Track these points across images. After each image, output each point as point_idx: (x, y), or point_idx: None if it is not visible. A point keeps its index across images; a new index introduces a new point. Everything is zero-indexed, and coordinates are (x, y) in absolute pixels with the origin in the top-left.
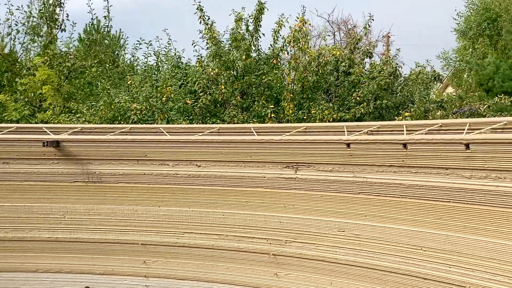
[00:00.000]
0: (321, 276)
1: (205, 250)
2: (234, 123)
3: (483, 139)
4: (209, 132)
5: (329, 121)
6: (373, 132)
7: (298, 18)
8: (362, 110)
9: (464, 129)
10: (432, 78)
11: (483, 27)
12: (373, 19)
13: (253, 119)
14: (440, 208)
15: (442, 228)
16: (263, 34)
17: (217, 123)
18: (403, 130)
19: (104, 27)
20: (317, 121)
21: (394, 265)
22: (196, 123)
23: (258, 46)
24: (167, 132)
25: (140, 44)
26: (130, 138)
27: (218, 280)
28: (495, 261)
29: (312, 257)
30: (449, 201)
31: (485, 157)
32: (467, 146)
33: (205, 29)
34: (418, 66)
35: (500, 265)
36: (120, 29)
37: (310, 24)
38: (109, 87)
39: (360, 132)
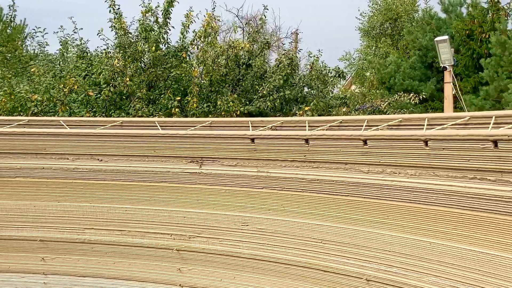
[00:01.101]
0: (225, 271)
1: (107, 246)
2: (139, 116)
3: (379, 135)
4: (112, 126)
5: (236, 114)
6: (276, 128)
7: (206, 14)
8: (268, 104)
9: (362, 126)
10: (336, 74)
11: (385, 27)
12: (267, 9)
13: (160, 113)
14: (339, 202)
15: (341, 222)
16: (173, 27)
17: (122, 116)
18: (305, 126)
19: (8, 16)
20: (223, 113)
21: (295, 258)
22: (100, 116)
23: (167, 39)
24: (67, 125)
25: (36, 32)
26: (28, 131)
27: (120, 277)
28: (391, 253)
29: (216, 251)
30: (348, 195)
31: (381, 153)
32: (365, 142)
33: (114, 19)
34: (311, 57)
35: (395, 257)
36: (25, 19)
37: (219, 20)
38: (10, 75)
39: (264, 128)
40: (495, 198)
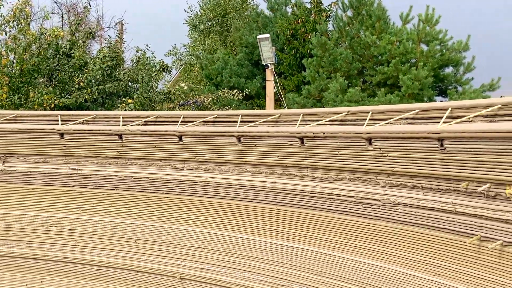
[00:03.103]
0: (30, 275)
1: None
2: None
3: (194, 131)
4: None
5: (50, 107)
6: (88, 122)
7: None
8: (86, 96)
9: (178, 121)
10: (160, 68)
11: (214, 22)
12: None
13: None
14: (154, 199)
15: (155, 220)
16: None
17: None
18: (119, 121)
19: None
20: (36, 106)
21: (108, 259)
22: None
23: None
24: None
25: None
26: None
27: None
28: (204, 251)
29: (21, 255)
30: (163, 193)
31: (196, 149)
32: (180, 138)
33: None
34: (138, 51)
35: (209, 254)
36: None
37: (31, 5)
38: None
39: (76, 122)
40: (302, 193)
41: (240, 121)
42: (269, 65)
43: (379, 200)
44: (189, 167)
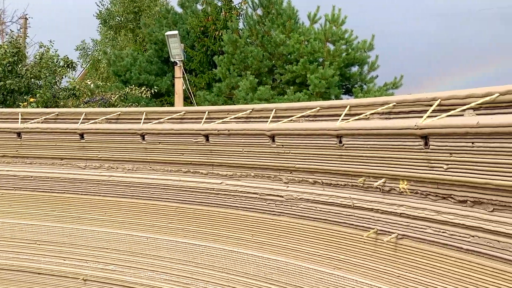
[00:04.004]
0: None
1: None
2: None
3: (97, 129)
4: None
5: None
6: None
7: None
8: None
9: (80, 119)
10: (65, 64)
11: (126, 18)
12: None
13: None
14: (55, 199)
15: (57, 220)
16: None
17: None
18: (18, 118)
19: None
20: None
21: (6, 261)
22: None
23: None
24: None
25: None
26: None
27: None
28: (108, 251)
29: None
30: (65, 192)
31: (99, 147)
32: (81, 135)
33: None
34: (42, 47)
35: (113, 254)
36: None
37: None
38: None
39: None
40: (207, 191)
41: (145, 119)
42: (177, 62)
43: (282, 196)
44: (91, 165)
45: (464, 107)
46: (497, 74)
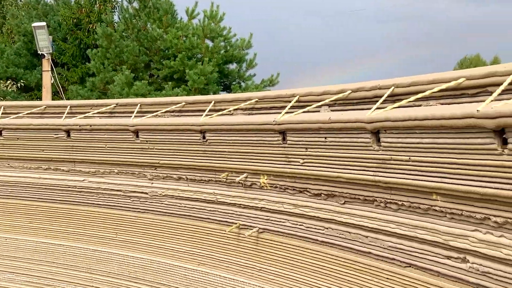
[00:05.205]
0: None
1: None
2: None
3: None
4: None
5: None
6: None
7: None
8: None
9: None
10: None
11: None
12: None
13: None
14: None
15: None
16: None
17: None
18: None
19: None
20: None
21: None
22: None
23: None
24: None
25: None
26: None
27: None
28: None
29: None
30: None
31: None
32: None
33: None
34: None
35: None
36: None
37: None
38: None
39: None
40: (69, 189)
41: (3, 113)
42: (45, 54)
43: (147, 193)
44: None
45: (320, 103)
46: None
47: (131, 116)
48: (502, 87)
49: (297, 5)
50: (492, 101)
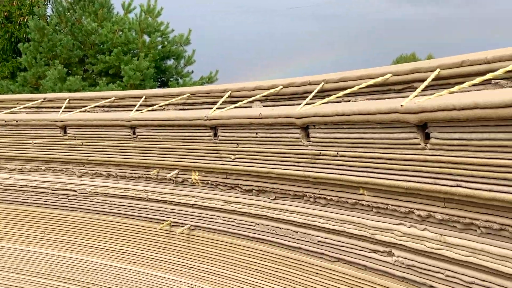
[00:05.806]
0: None
1: None
2: None
3: None
4: None
5: None
6: None
7: None
8: None
9: None
10: None
11: None
12: None
13: None
14: None
15: None
16: None
17: None
18: None
19: None
20: None
21: None
22: None
23: None
24: None
25: None
26: None
27: None
28: None
29: None
30: None
31: None
32: None
33: None
34: None
35: None
36: None
37: None
38: None
39: None
40: None
41: None
42: None
43: (76, 191)
44: None
45: (252, 99)
46: (316, 65)
47: (58, 111)
48: (426, 83)
49: (236, 3)
50: (415, 96)
